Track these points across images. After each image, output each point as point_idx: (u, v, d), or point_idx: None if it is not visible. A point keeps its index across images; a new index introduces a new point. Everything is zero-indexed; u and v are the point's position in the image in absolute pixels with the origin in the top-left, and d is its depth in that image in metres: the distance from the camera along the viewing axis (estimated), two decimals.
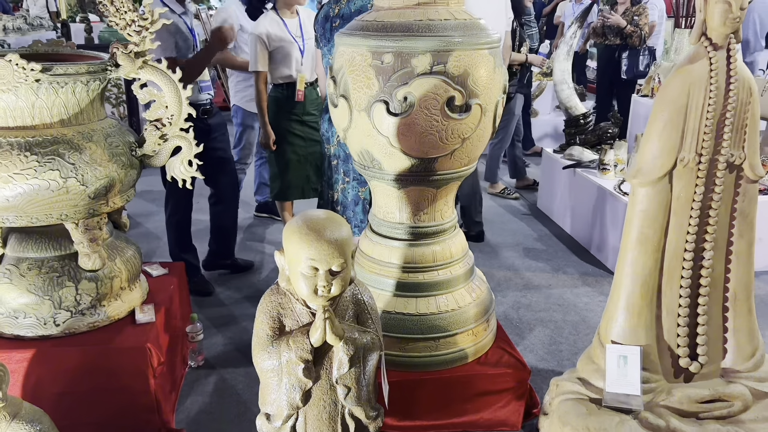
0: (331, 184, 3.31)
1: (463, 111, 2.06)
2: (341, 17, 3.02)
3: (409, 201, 2.27)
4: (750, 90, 1.89)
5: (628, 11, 5.42)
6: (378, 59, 2.03)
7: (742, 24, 1.83)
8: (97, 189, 1.96)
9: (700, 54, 1.87)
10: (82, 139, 1.94)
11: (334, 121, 2.28)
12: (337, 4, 3.05)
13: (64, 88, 1.90)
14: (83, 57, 2.20)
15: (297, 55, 3.53)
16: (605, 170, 3.78)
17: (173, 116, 2.12)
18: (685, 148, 1.90)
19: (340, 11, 3.04)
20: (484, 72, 2.08)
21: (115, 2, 1.99)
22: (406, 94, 2.02)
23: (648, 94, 4.55)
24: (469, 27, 2.08)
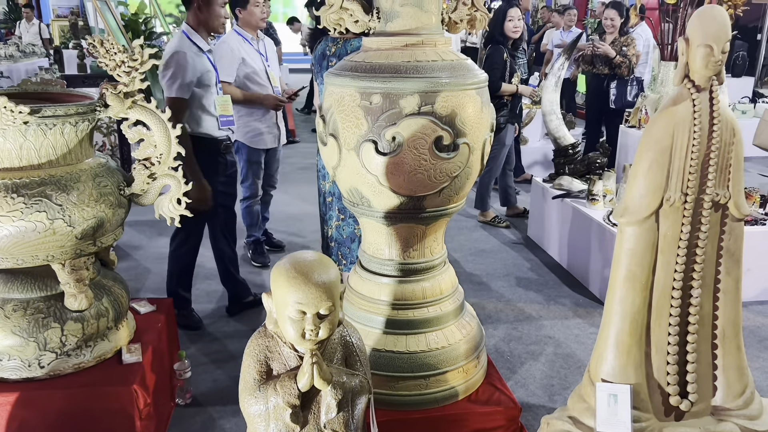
0: (325, 220, 3.33)
1: (451, 150, 2.08)
2: (337, 57, 3.06)
3: (398, 238, 2.27)
4: (733, 130, 1.91)
5: (616, 41, 5.50)
6: (367, 100, 2.05)
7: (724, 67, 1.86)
8: (85, 230, 1.96)
9: (683, 95, 1.90)
10: (69, 179, 1.94)
11: (324, 159, 2.29)
12: (334, 44, 3.09)
13: (53, 130, 1.90)
14: (73, 96, 2.20)
15: None
16: (594, 201, 3.80)
17: (162, 155, 2.13)
18: (671, 188, 1.92)
19: (337, 51, 3.08)
20: (471, 111, 2.11)
21: (105, 44, 2.00)
22: (394, 134, 2.03)
23: (635, 125, 4.60)
24: (456, 68, 2.11)
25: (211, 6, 2.96)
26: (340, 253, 3.29)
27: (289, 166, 6.79)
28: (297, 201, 5.58)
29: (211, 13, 2.98)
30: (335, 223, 3.24)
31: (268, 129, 3.85)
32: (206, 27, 3.03)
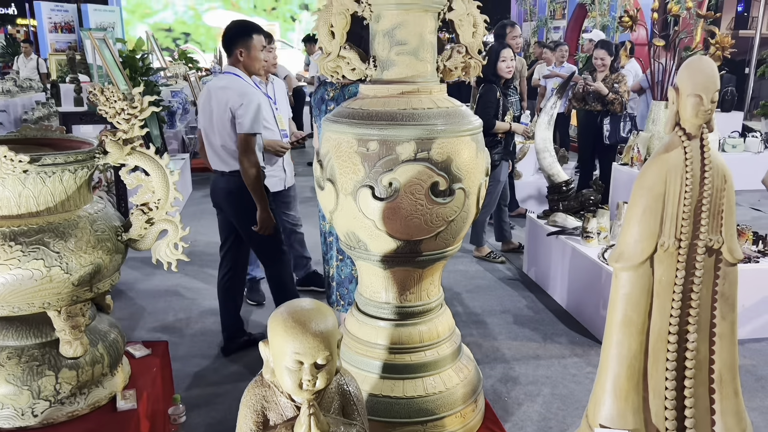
0: (327, 259, 3.34)
1: (447, 195, 2.10)
2: (335, 101, 3.11)
3: (395, 281, 2.28)
4: (724, 177, 1.94)
5: (607, 78, 5.60)
6: (364, 146, 2.08)
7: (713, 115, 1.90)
8: (82, 276, 1.95)
9: (675, 143, 1.93)
10: (67, 226, 1.94)
11: (321, 203, 2.31)
12: (333, 89, 3.15)
13: (52, 178, 1.91)
14: (72, 142, 2.22)
15: None
16: (589, 238, 3.82)
17: (160, 200, 2.14)
18: (664, 234, 1.94)
19: (335, 96, 3.13)
20: (466, 157, 2.14)
21: (105, 92, 2.03)
22: (391, 179, 2.06)
23: (628, 162, 4.66)
24: (452, 115, 2.14)
25: (252, 52, 3.21)
26: (338, 294, 3.29)
27: None
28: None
29: (252, 59, 3.23)
30: (335, 263, 3.25)
31: (272, 173, 3.84)
32: (248, 71, 3.27)
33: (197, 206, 6.48)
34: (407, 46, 2.14)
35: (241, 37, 3.21)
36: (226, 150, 3.19)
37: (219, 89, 3.17)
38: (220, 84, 3.21)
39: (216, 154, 3.26)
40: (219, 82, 3.24)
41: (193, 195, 6.93)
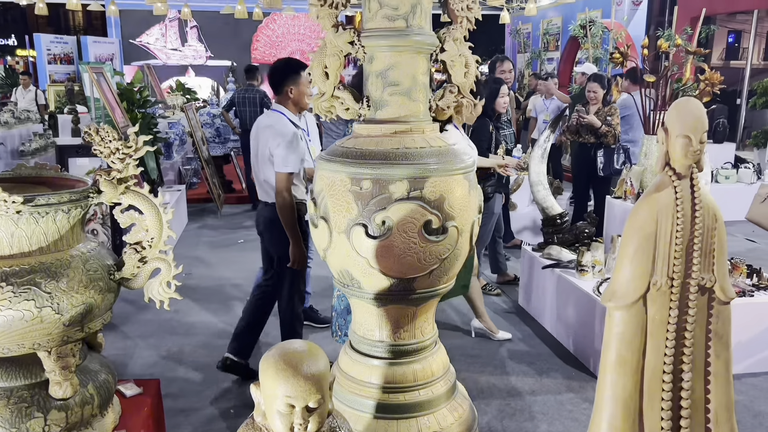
0: (333, 288, 3.36)
1: (440, 233, 2.11)
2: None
3: (388, 319, 2.27)
4: (715, 216, 1.96)
5: (600, 111, 5.67)
6: (357, 185, 2.09)
7: (702, 155, 1.93)
8: (73, 317, 1.94)
9: (665, 183, 1.95)
10: (60, 266, 1.94)
11: (315, 240, 2.31)
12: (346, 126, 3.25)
13: (45, 218, 1.91)
14: (66, 180, 2.23)
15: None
16: (583, 271, 3.83)
17: (153, 239, 2.14)
18: (657, 273, 1.95)
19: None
20: (459, 195, 2.15)
21: (100, 132, 2.05)
22: (384, 218, 2.06)
23: (621, 196, 4.69)
24: (444, 153, 2.16)
25: (302, 88, 3.44)
26: (337, 324, 3.29)
27: None
28: None
29: (302, 94, 3.45)
30: (336, 293, 3.27)
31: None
32: (297, 105, 3.49)
33: (193, 238, 6.47)
34: (400, 86, 2.17)
35: (290, 75, 3.42)
36: (268, 184, 3.42)
37: (265, 127, 3.39)
38: (267, 122, 3.42)
39: (260, 185, 3.51)
40: (266, 120, 3.45)
41: (189, 227, 6.93)
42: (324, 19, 2.17)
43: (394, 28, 2.12)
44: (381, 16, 2.12)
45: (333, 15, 2.17)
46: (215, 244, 6.27)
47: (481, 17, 2.26)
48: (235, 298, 4.78)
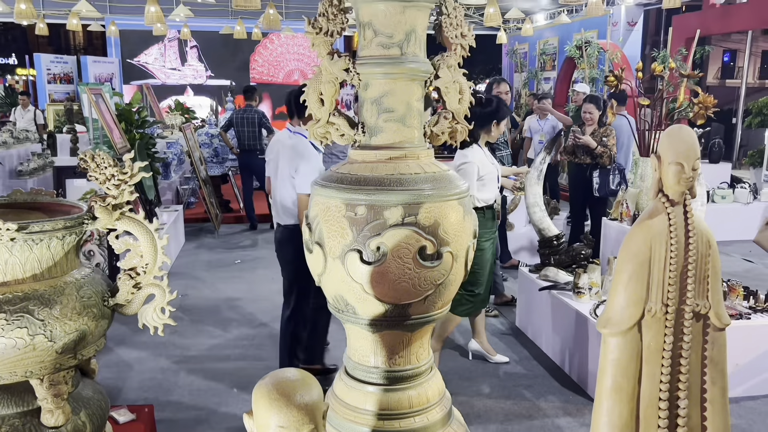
0: None
1: (434, 259, 2.10)
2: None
3: (383, 344, 2.26)
4: (708, 242, 1.96)
5: (596, 132, 5.70)
6: (352, 211, 2.10)
7: (696, 181, 1.94)
8: (66, 344, 1.93)
9: (658, 209, 1.96)
10: (53, 293, 1.94)
11: (310, 266, 2.30)
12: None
13: (39, 245, 1.91)
14: (62, 206, 2.24)
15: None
16: (580, 294, 3.82)
17: (148, 265, 2.14)
18: (651, 299, 1.95)
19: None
20: (454, 221, 2.15)
21: (96, 158, 2.06)
22: (379, 244, 2.06)
23: (617, 217, 4.70)
24: (438, 179, 2.17)
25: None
26: None
27: None
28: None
29: None
30: None
31: None
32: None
33: (190, 258, 6.46)
34: (395, 113, 2.18)
35: None
36: (284, 206, 3.48)
37: (287, 148, 3.44)
38: (289, 143, 3.46)
39: (275, 205, 3.58)
40: (288, 141, 3.49)
41: (186, 247, 6.92)
42: (319, 47, 2.19)
43: (389, 55, 2.14)
44: (376, 44, 2.14)
45: (328, 43, 2.19)
46: (212, 264, 6.26)
47: (475, 42, 2.28)
48: (232, 319, 4.76)
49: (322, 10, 2.17)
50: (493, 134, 3.82)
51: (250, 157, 7.71)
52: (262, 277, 5.84)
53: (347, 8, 2.19)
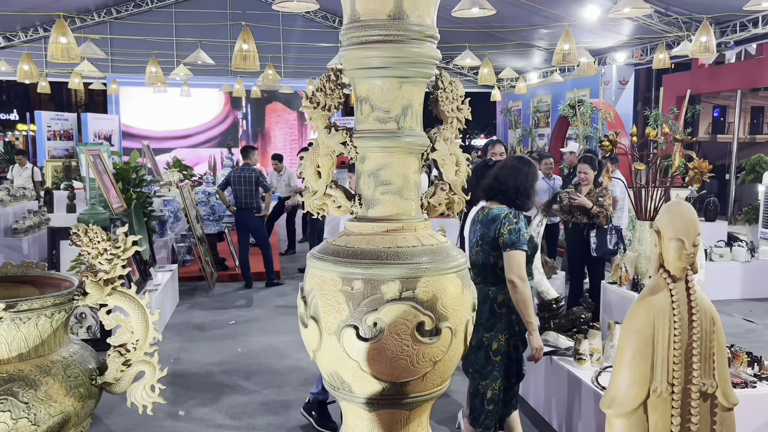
0: (481, 373, 3.30)
1: (433, 335, 2.06)
2: (481, 222, 3.26)
3: (380, 424, 2.18)
4: (713, 319, 1.92)
5: (592, 192, 5.72)
6: (348, 285, 2.06)
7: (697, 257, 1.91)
8: (50, 427, 1.86)
9: (660, 285, 1.93)
10: (39, 373, 1.87)
11: (305, 341, 2.25)
12: (482, 211, 3.31)
13: (27, 323, 1.86)
14: (52, 279, 2.19)
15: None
16: (581, 360, 3.74)
17: (139, 341, 2.08)
18: (656, 378, 1.89)
19: (482, 217, 3.27)
20: (452, 294, 2.11)
21: (89, 233, 2.03)
22: (375, 319, 2.02)
23: (616, 281, 4.66)
24: (436, 252, 2.14)
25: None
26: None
27: (274, 312, 6.71)
28: (278, 350, 5.43)
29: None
30: (497, 384, 3.23)
31: None
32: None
33: (183, 319, 6.35)
34: (392, 186, 2.17)
35: None
36: None
37: None
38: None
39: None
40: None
41: (179, 307, 6.82)
42: (317, 121, 2.20)
43: (386, 129, 2.15)
44: (373, 118, 2.15)
45: (326, 117, 2.20)
46: (206, 326, 6.15)
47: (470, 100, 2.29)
48: (225, 385, 4.64)
49: (319, 85, 2.19)
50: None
51: (246, 215, 7.72)
52: (256, 339, 5.74)
53: (344, 83, 2.22)
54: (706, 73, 12.44)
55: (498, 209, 3.22)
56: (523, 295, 3.05)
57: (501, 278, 3.15)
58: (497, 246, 3.14)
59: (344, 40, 2.15)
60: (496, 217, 3.17)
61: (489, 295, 3.19)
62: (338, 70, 2.22)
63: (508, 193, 3.23)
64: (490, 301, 3.19)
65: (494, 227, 3.16)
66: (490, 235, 3.17)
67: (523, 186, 3.24)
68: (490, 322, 3.19)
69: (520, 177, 3.25)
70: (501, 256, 3.13)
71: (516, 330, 3.22)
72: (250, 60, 8.20)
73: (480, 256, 3.25)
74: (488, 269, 3.22)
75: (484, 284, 3.21)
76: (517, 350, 3.26)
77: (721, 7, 8.89)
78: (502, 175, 3.29)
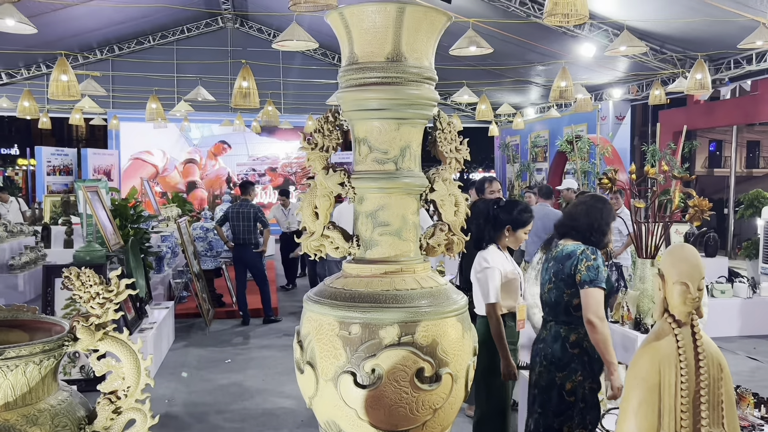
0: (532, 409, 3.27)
1: (433, 381, 2.00)
2: (555, 259, 3.17)
3: None
4: (720, 366, 1.87)
5: None
6: (345, 329, 2.01)
7: (701, 302, 1.87)
8: None
9: (665, 330, 1.88)
10: (26, 423, 1.80)
11: (301, 387, 2.19)
12: (555, 248, 3.23)
13: (14, 371, 1.80)
14: (42, 323, 2.14)
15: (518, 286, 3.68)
16: None
17: (130, 388, 2.02)
18: (663, 428, 1.83)
19: (557, 254, 3.18)
20: (453, 339, 2.07)
21: (81, 276, 1.99)
22: (374, 366, 1.97)
23: (618, 320, 4.60)
24: (436, 295, 2.10)
25: None
26: None
27: (269, 349, 6.60)
28: (275, 390, 5.32)
29: None
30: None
31: None
32: None
33: (178, 358, 6.24)
34: (390, 227, 2.15)
35: None
36: None
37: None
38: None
39: None
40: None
41: (175, 345, 6.71)
42: (315, 162, 2.19)
43: (384, 170, 2.13)
44: (371, 159, 2.14)
45: (324, 158, 2.18)
46: (201, 365, 6.05)
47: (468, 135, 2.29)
48: (219, 427, 4.53)
49: (317, 126, 2.18)
50: (508, 241, 3.68)
51: (244, 250, 7.67)
52: (253, 379, 5.63)
53: (343, 124, 2.21)
54: (702, 109, 12.56)
55: (574, 245, 3.10)
56: (603, 334, 2.94)
57: (574, 317, 3.05)
58: (573, 283, 3.02)
59: (342, 81, 2.15)
60: (572, 254, 3.06)
61: (560, 334, 3.09)
62: (336, 110, 2.22)
63: (582, 230, 3.12)
64: (561, 340, 3.08)
65: (570, 264, 3.04)
66: (564, 272, 3.05)
67: (597, 223, 3.13)
68: (563, 362, 3.08)
69: (594, 214, 3.15)
70: (576, 294, 3.00)
71: (591, 372, 3.10)
72: (250, 97, 8.28)
73: (552, 293, 3.14)
74: (560, 308, 3.10)
75: (556, 323, 3.13)
76: (593, 394, 3.14)
77: (715, 45, 9.01)
78: (576, 213, 3.20)
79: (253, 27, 15.90)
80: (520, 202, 3.87)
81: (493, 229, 3.65)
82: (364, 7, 2.03)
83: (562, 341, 3.08)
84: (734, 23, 7.70)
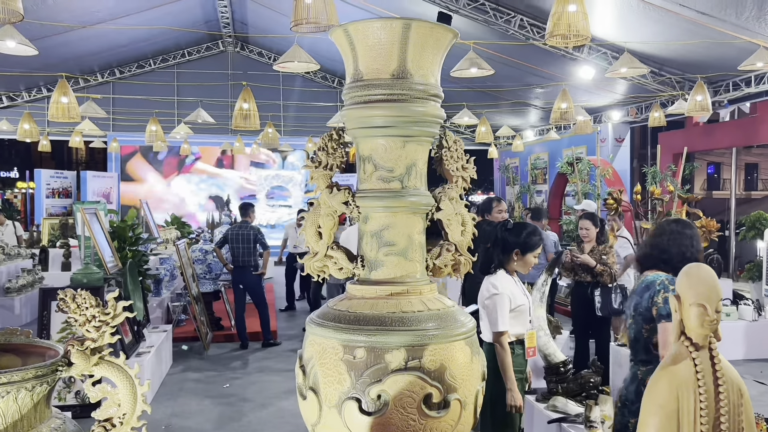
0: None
1: (441, 408, 1.93)
2: (635, 291, 2.91)
3: None
4: (740, 391, 1.80)
5: (595, 250, 5.62)
6: (350, 354, 1.95)
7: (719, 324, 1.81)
8: None
9: (682, 354, 1.82)
10: None
11: (303, 414, 2.11)
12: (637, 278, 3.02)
13: (6, 398, 1.73)
14: (36, 348, 2.07)
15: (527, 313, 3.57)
16: (593, 428, 3.55)
17: (126, 415, 1.94)
18: None
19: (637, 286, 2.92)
20: (461, 363, 2.00)
21: (77, 298, 1.92)
22: (379, 391, 1.90)
23: (625, 343, 4.52)
24: (443, 317, 2.04)
25: None
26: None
27: (269, 373, 6.49)
28: (274, 416, 5.21)
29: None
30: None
31: None
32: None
33: (176, 383, 6.12)
34: (395, 246, 2.09)
35: None
36: None
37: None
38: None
39: None
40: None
41: (172, 369, 6.59)
42: (318, 180, 2.14)
43: (390, 189, 2.08)
44: (376, 177, 2.09)
45: (328, 176, 2.13)
46: (199, 390, 5.93)
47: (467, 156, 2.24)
48: None
49: (321, 144, 2.14)
50: (517, 265, 3.53)
51: (243, 273, 7.58)
52: (251, 403, 5.51)
53: (347, 142, 2.16)
54: (701, 131, 12.58)
55: (653, 276, 2.77)
56: None
57: (653, 356, 2.70)
58: (651, 318, 2.68)
59: (347, 99, 2.11)
60: (650, 284, 2.74)
61: (637, 376, 2.77)
62: (340, 129, 2.18)
63: (673, 261, 2.74)
64: (637, 383, 2.75)
65: (647, 296, 2.72)
66: (643, 305, 2.74)
67: (689, 251, 2.78)
68: (636, 406, 2.51)
69: (684, 242, 2.81)
70: (655, 329, 2.66)
71: None
72: (250, 119, 8.27)
73: (632, 329, 2.84)
74: (639, 345, 2.79)
75: (635, 362, 2.82)
76: None
77: (714, 68, 9.05)
78: (662, 243, 2.84)
79: (254, 51, 16.00)
80: (528, 224, 3.75)
81: (501, 252, 3.54)
82: (369, 24, 2.00)
83: (638, 384, 2.76)
84: (733, 46, 7.72)
